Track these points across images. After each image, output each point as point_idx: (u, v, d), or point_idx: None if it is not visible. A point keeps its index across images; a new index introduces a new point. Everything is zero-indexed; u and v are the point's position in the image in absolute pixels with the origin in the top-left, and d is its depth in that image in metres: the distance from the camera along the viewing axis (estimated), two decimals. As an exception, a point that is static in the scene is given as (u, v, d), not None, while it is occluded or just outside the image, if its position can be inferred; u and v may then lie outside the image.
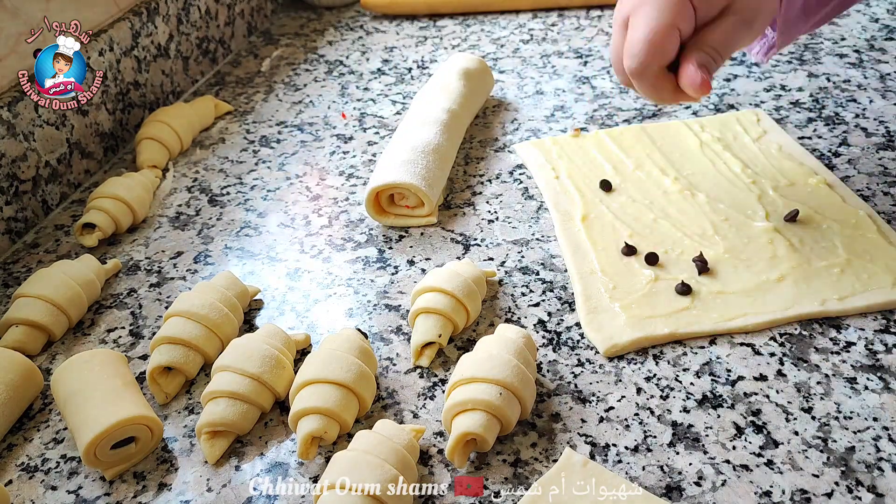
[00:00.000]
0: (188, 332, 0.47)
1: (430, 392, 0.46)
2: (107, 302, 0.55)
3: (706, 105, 0.69)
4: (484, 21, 0.92)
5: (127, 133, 0.74)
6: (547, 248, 0.56)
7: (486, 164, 0.66)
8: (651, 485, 0.39)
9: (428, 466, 0.41)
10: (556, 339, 0.48)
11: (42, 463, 0.44)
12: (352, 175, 0.67)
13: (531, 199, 0.61)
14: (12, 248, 0.62)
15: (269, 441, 0.44)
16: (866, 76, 0.71)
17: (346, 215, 0.62)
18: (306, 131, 0.74)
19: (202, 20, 0.84)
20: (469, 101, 0.69)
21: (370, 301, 0.53)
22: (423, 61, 0.84)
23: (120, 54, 0.71)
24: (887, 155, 0.60)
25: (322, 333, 0.51)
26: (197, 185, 0.68)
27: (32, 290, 0.51)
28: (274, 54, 0.90)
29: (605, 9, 0.90)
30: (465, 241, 0.57)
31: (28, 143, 0.62)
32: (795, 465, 0.39)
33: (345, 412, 0.42)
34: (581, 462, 0.39)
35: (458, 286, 0.48)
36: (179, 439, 0.44)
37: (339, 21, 0.97)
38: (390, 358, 0.48)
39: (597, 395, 0.44)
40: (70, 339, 0.52)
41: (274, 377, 0.44)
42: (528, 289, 0.52)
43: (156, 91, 0.77)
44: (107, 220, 0.60)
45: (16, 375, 0.46)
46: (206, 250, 0.60)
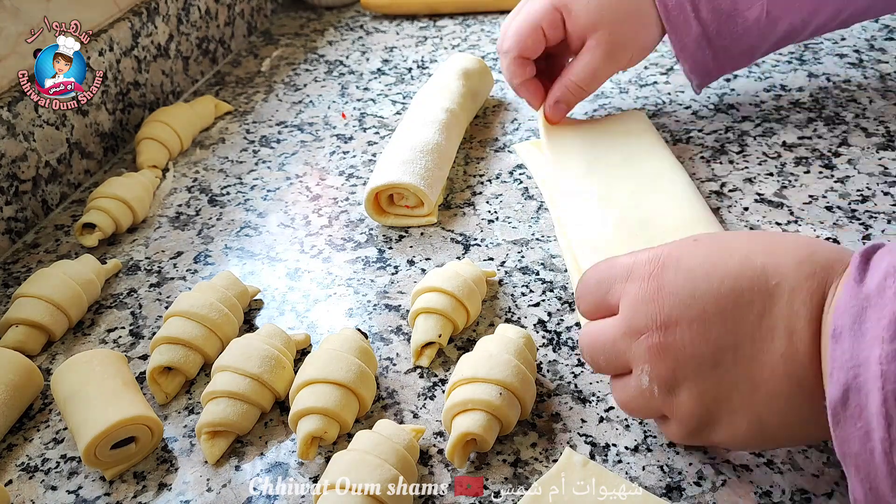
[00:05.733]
0: (188, 332, 0.47)
1: (430, 392, 0.46)
2: (107, 302, 0.55)
3: (706, 105, 0.69)
4: (484, 21, 0.92)
5: (127, 133, 0.74)
6: (547, 248, 0.56)
7: (486, 164, 0.66)
8: (651, 485, 0.39)
9: (428, 466, 0.41)
10: (556, 339, 0.48)
11: (42, 463, 0.44)
12: (352, 175, 0.67)
13: (531, 199, 0.61)
14: (12, 248, 0.62)
15: (269, 441, 0.44)
16: (866, 76, 0.71)
17: (346, 215, 0.62)
18: (306, 131, 0.74)
19: (202, 20, 0.84)
20: (469, 101, 0.69)
21: (370, 301, 0.53)
22: (423, 61, 0.84)
23: (120, 54, 0.71)
24: (887, 155, 0.60)
25: (322, 333, 0.51)
26: (197, 185, 0.68)
27: (32, 290, 0.51)
28: (274, 54, 0.90)
29: (605, 9, 0.90)
30: (465, 241, 0.57)
31: (28, 143, 0.62)
32: (795, 465, 0.39)
33: (345, 412, 0.42)
34: (581, 462, 0.39)
35: (458, 286, 0.48)
36: (179, 439, 0.44)
37: (339, 21, 0.97)
38: (390, 358, 0.48)
39: (597, 395, 0.44)
40: (70, 339, 0.52)
41: (274, 377, 0.44)
42: (528, 289, 0.52)
43: (156, 91, 0.77)
44: (107, 220, 0.60)
45: (16, 375, 0.46)
46: (206, 250, 0.60)
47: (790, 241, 0.35)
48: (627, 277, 0.37)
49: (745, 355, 0.33)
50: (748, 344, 0.33)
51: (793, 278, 0.33)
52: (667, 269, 0.35)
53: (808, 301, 0.33)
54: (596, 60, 0.59)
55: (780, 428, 0.35)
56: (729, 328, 0.34)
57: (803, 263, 0.33)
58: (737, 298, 0.33)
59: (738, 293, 0.33)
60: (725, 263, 0.34)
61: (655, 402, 0.36)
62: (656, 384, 0.35)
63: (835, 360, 0.30)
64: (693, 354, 0.34)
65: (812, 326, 0.32)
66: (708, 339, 0.34)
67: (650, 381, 0.35)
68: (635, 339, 0.35)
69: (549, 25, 0.59)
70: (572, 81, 0.61)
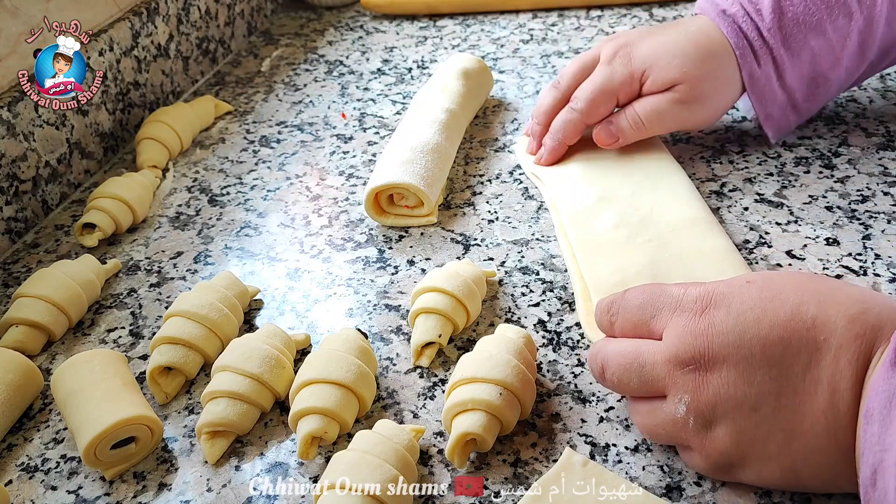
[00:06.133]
0: (188, 332, 0.47)
1: (430, 392, 0.46)
2: (107, 302, 0.55)
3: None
4: (484, 21, 0.92)
5: (127, 133, 0.74)
6: (547, 248, 0.56)
7: (486, 164, 0.66)
8: (651, 485, 0.39)
9: (428, 466, 0.41)
10: (556, 339, 0.48)
11: (42, 463, 0.44)
12: (352, 175, 0.67)
13: (531, 199, 0.61)
14: (12, 248, 0.62)
15: (269, 441, 0.44)
16: (866, 76, 0.71)
17: (346, 215, 0.62)
18: (306, 131, 0.74)
19: (202, 20, 0.84)
20: (468, 101, 0.69)
21: (370, 301, 0.53)
22: (423, 61, 0.84)
23: (120, 54, 0.71)
24: (887, 155, 0.60)
25: (322, 333, 0.51)
26: (197, 185, 0.68)
27: (32, 290, 0.51)
28: (274, 54, 0.90)
29: (605, 9, 0.91)
30: (465, 241, 0.57)
31: (28, 143, 0.62)
32: (795, 465, 0.39)
33: (345, 412, 0.42)
34: (581, 462, 0.39)
35: (458, 286, 0.48)
36: (179, 439, 0.44)
37: (339, 21, 0.97)
38: (390, 358, 0.48)
39: (597, 395, 0.44)
40: (70, 339, 0.52)
41: (274, 377, 0.44)
42: (528, 289, 0.52)
43: (156, 91, 0.77)
44: (107, 220, 0.60)
45: (16, 375, 0.46)
46: (206, 250, 0.60)
47: (844, 293, 0.35)
48: (675, 308, 0.37)
49: (786, 405, 0.34)
50: (790, 394, 0.34)
51: (841, 336, 0.33)
52: (718, 308, 0.35)
53: (853, 362, 0.33)
54: (668, 104, 0.56)
55: (812, 479, 0.35)
56: (773, 375, 0.34)
57: (854, 321, 0.33)
58: (784, 348, 0.34)
59: (785, 343, 0.34)
60: (776, 312, 0.34)
61: (686, 433, 0.36)
62: (693, 415, 0.35)
63: (866, 440, 0.30)
64: (734, 395, 0.34)
65: (855, 389, 0.33)
66: (751, 383, 0.34)
67: (687, 411, 0.35)
68: (679, 369, 0.36)
69: (625, 95, 0.57)
70: (636, 112, 0.57)
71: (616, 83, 0.57)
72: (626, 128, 0.58)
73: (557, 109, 0.60)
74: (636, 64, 0.56)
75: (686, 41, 0.56)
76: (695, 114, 0.57)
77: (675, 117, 0.57)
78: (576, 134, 0.60)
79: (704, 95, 0.56)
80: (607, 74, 0.57)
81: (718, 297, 0.36)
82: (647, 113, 0.57)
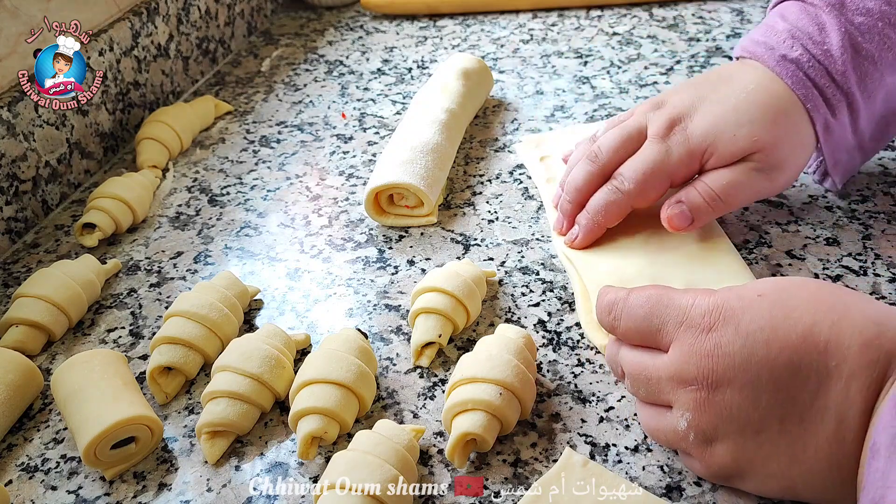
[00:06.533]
0: (188, 332, 0.47)
1: (430, 392, 0.46)
2: (107, 302, 0.55)
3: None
4: (484, 21, 0.92)
5: (127, 133, 0.74)
6: (547, 248, 0.56)
7: (486, 164, 0.66)
8: (651, 485, 0.39)
9: (428, 466, 0.41)
10: (556, 339, 0.48)
11: (42, 463, 0.44)
12: (352, 175, 0.67)
13: (531, 199, 0.61)
14: (12, 248, 0.62)
15: (269, 441, 0.44)
16: (866, 76, 0.71)
17: (346, 215, 0.62)
18: (306, 131, 0.74)
19: (202, 20, 0.84)
20: (469, 101, 0.69)
21: (370, 301, 0.53)
22: (423, 61, 0.84)
23: (120, 54, 0.71)
24: (887, 155, 0.60)
25: (322, 333, 0.51)
26: (197, 185, 0.68)
27: (32, 290, 0.51)
28: (274, 54, 0.90)
29: (605, 9, 0.91)
30: (465, 241, 0.57)
31: (28, 143, 0.62)
32: (795, 465, 0.39)
33: (345, 412, 0.42)
34: (581, 462, 0.39)
35: (458, 286, 0.48)
36: (179, 439, 0.44)
37: (339, 21, 0.97)
38: (390, 358, 0.48)
39: (597, 395, 0.44)
40: (70, 339, 0.52)
41: (274, 377, 0.44)
42: (528, 289, 0.52)
43: (156, 91, 0.77)
44: (107, 220, 0.60)
45: (16, 375, 0.46)
46: (206, 250, 0.60)
47: (860, 310, 0.34)
48: (682, 322, 0.36)
49: (790, 430, 0.33)
50: (796, 421, 0.33)
51: (853, 363, 0.32)
52: (727, 325, 0.34)
53: (864, 390, 0.32)
54: (745, 175, 0.48)
55: (811, 497, 0.35)
56: (780, 399, 0.33)
57: (868, 347, 0.32)
58: (793, 373, 0.33)
59: (795, 367, 0.33)
60: (787, 334, 0.33)
61: (687, 444, 0.36)
62: (693, 432, 0.35)
63: (870, 474, 0.30)
64: (738, 417, 0.34)
65: (863, 418, 0.32)
66: (757, 406, 0.34)
67: (688, 427, 0.35)
68: (682, 387, 0.35)
69: (683, 176, 0.50)
70: (709, 188, 0.49)
71: (673, 164, 0.49)
72: (701, 205, 0.49)
73: (595, 186, 0.52)
74: (695, 141, 0.49)
75: (748, 104, 0.48)
76: (775, 181, 0.50)
77: (754, 188, 0.50)
78: (619, 217, 0.52)
79: (781, 161, 0.49)
80: (662, 153, 0.49)
81: (728, 314, 0.35)
82: (724, 187, 0.49)
